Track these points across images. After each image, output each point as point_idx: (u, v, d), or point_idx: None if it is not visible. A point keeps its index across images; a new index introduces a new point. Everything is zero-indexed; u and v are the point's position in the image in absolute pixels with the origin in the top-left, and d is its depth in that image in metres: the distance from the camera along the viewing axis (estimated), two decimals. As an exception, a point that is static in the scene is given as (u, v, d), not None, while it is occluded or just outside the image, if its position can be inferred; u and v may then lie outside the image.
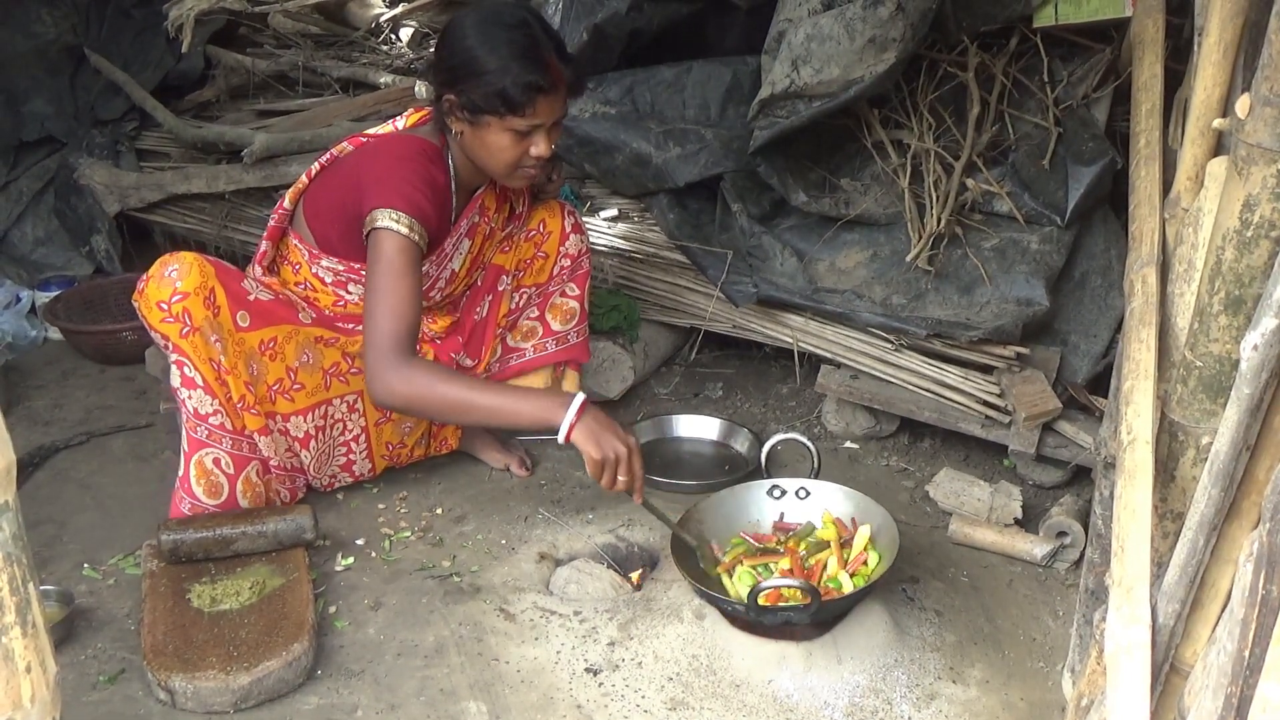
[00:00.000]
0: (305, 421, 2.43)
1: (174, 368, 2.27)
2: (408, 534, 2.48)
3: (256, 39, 4.14)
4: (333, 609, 2.23)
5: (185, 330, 2.21)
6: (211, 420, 2.30)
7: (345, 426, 2.51)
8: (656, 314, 3.10)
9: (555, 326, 2.71)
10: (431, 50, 3.84)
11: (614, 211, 3.20)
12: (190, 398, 2.28)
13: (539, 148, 2.23)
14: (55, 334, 3.35)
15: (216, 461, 2.34)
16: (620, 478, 2.16)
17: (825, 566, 2.16)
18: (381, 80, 3.75)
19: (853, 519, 2.25)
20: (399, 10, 4.13)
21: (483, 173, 2.36)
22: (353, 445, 2.54)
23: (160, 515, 2.34)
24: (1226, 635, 1.22)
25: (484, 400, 2.19)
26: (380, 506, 2.58)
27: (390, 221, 2.19)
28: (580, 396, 2.16)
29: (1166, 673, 1.43)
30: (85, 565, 2.36)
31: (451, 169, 2.35)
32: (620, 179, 3.12)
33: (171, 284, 2.20)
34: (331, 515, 2.52)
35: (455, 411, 2.22)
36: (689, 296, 3.05)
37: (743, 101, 3.02)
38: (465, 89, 2.19)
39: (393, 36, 4.09)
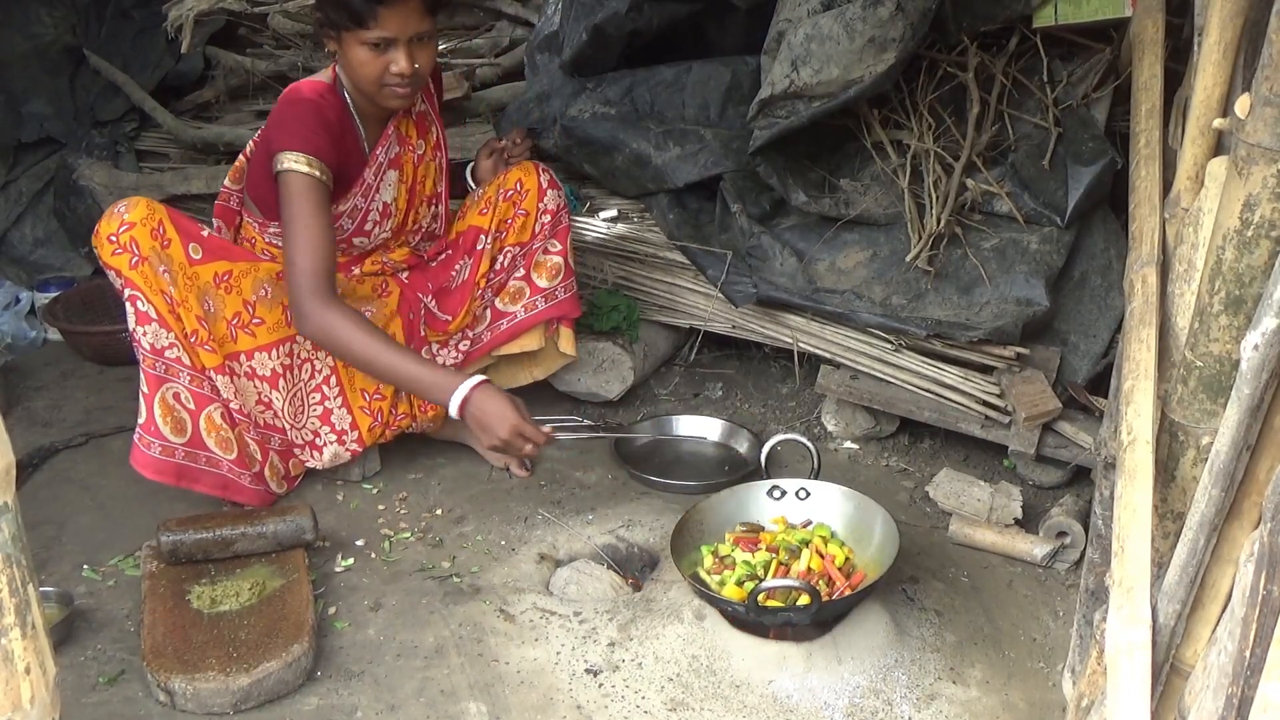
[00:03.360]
0: (270, 359, 2.46)
1: (128, 306, 2.29)
2: (407, 535, 2.48)
3: (256, 39, 4.13)
4: (332, 610, 2.23)
5: (134, 260, 2.25)
6: (168, 354, 2.32)
7: (314, 367, 2.53)
8: (656, 314, 3.10)
9: (542, 284, 2.73)
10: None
11: (613, 212, 3.20)
12: (146, 334, 2.29)
13: (399, 64, 2.27)
14: (54, 335, 3.35)
15: (177, 396, 2.35)
16: (515, 457, 2.25)
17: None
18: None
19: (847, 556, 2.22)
20: (398, 11, 4.12)
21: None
22: (325, 390, 2.55)
23: (161, 516, 2.34)
24: (1227, 635, 1.22)
25: (388, 359, 2.26)
26: (380, 507, 2.58)
27: (292, 163, 2.26)
28: (476, 379, 2.23)
29: (1167, 673, 1.43)
30: (85, 566, 2.36)
31: (348, 100, 2.40)
32: (620, 179, 3.12)
33: (120, 217, 2.26)
34: (331, 516, 2.52)
35: (361, 362, 2.30)
36: (689, 297, 3.05)
37: (742, 102, 3.02)
38: (323, 5, 2.27)
39: (392, 37, 4.09)
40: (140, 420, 2.34)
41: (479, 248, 2.66)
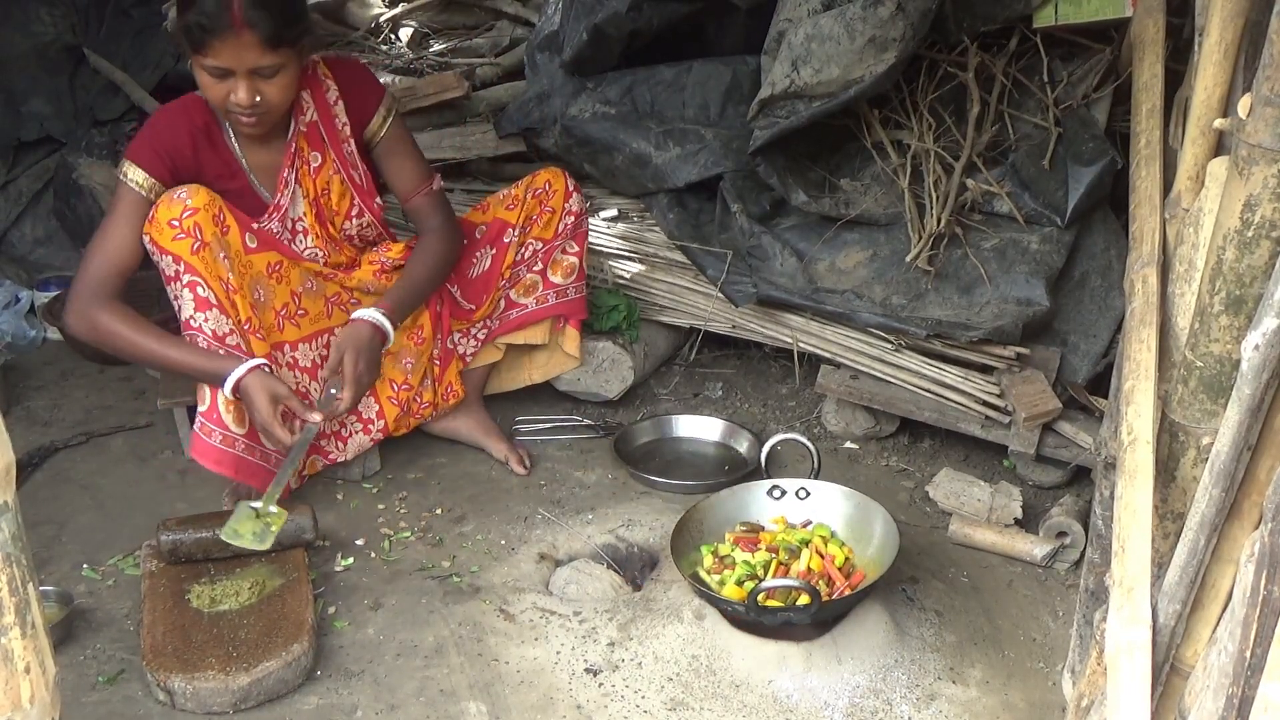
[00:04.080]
0: (311, 349, 2.50)
1: (186, 292, 2.26)
2: (407, 534, 2.48)
3: (256, 39, 4.13)
4: (332, 609, 2.23)
5: (196, 245, 2.23)
6: (229, 340, 2.29)
7: None
8: (656, 314, 3.09)
9: (556, 280, 2.78)
10: (426, 49, 3.85)
11: (613, 211, 3.20)
12: (208, 319, 2.27)
13: (237, 95, 2.25)
14: (54, 334, 3.34)
15: None
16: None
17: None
18: (381, 81, 3.74)
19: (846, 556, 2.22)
20: (399, 10, 4.12)
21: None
22: None
23: (161, 516, 2.34)
24: (1228, 636, 1.22)
25: (160, 351, 2.27)
26: (380, 507, 2.58)
27: (120, 172, 2.32)
28: (254, 362, 2.25)
29: (1167, 673, 1.43)
30: (84, 566, 2.36)
31: (221, 117, 2.37)
32: (620, 179, 3.12)
33: (182, 202, 2.25)
34: (331, 515, 2.52)
35: (140, 358, 2.35)
36: (689, 296, 3.05)
37: (742, 101, 3.02)
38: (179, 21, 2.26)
39: (392, 36, 4.09)
40: (202, 408, 2.31)
41: (505, 240, 2.69)
